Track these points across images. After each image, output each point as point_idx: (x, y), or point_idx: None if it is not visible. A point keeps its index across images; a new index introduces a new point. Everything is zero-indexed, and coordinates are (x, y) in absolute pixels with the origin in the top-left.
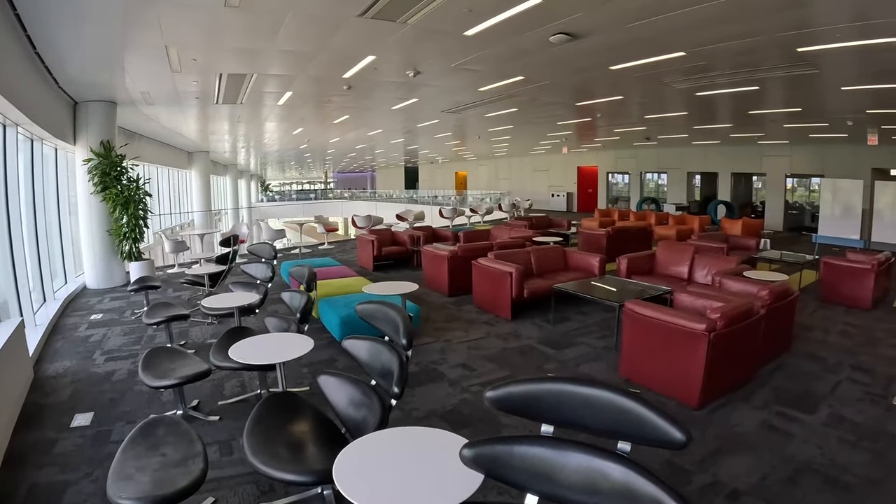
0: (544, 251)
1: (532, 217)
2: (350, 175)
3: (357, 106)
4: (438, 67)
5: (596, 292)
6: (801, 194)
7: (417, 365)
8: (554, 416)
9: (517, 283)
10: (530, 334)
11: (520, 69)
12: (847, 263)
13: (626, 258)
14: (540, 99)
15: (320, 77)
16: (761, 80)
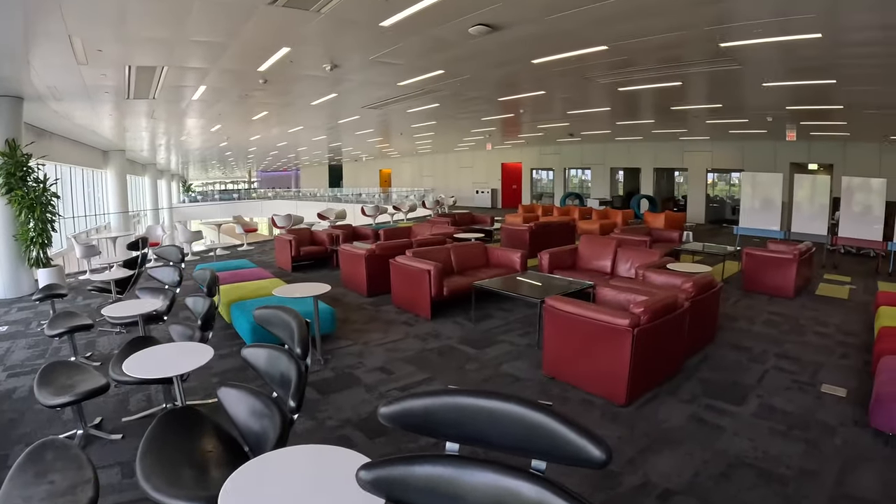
0: (465, 248)
1: (455, 214)
2: (274, 174)
3: (276, 101)
4: (356, 61)
5: (517, 289)
6: (721, 188)
7: (333, 370)
8: (457, 432)
9: (436, 282)
10: (451, 334)
11: (440, 63)
12: (769, 254)
13: (548, 253)
14: (462, 94)
15: (235, 70)
16: (684, 75)
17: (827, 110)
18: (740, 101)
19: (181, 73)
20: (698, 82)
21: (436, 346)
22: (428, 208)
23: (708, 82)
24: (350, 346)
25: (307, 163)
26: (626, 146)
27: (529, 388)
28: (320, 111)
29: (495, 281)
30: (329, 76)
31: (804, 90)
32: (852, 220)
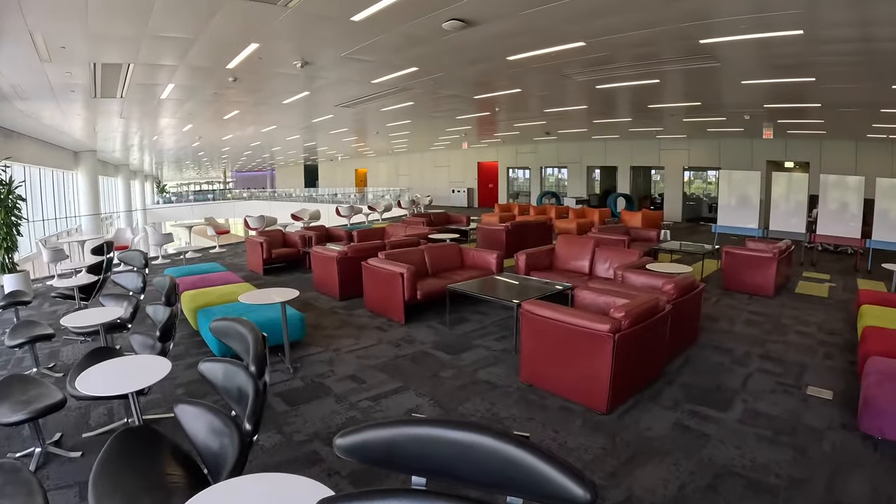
0: (439, 249)
1: (430, 214)
2: (249, 174)
3: (247, 100)
4: (328, 57)
5: (493, 291)
6: (698, 186)
7: (303, 379)
8: (423, 466)
9: (409, 285)
10: (425, 339)
11: (414, 59)
12: (749, 252)
13: (525, 254)
14: (437, 92)
15: (203, 68)
16: (662, 72)
17: (804, 108)
18: (719, 99)
19: (148, 71)
20: (676, 80)
21: (409, 353)
22: (403, 208)
23: (686, 80)
24: (321, 354)
25: (283, 163)
26: (603, 144)
27: (507, 395)
28: (293, 110)
29: (471, 283)
30: (301, 74)
31: (783, 88)
32: (830, 217)
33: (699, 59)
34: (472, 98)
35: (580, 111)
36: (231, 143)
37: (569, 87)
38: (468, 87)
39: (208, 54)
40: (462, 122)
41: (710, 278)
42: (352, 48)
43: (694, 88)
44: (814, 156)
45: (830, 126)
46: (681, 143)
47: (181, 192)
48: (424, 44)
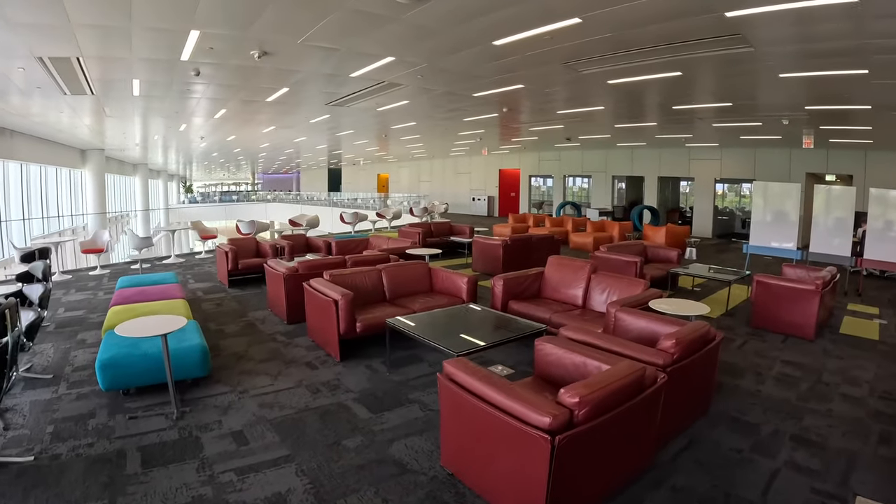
0: (401, 270)
1: (431, 223)
2: (276, 176)
3: (227, 97)
4: (285, 45)
5: (432, 332)
6: (731, 200)
7: (182, 430)
8: None
9: (346, 315)
10: (354, 385)
11: (383, 45)
12: (786, 283)
13: (503, 279)
14: (430, 89)
15: (156, 61)
16: (684, 62)
17: (852, 112)
18: (753, 99)
19: (102, 65)
20: (702, 73)
21: (324, 405)
22: (415, 215)
23: (714, 73)
24: (223, 396)
25: (307, 166)
26: (629, 152)
27: (414, 489)
28: (283, 109)
29: (419, 317)
30: (270, 67)
31: (827, 84)
32: (881, 239)
33: (727, 43)
34: (472, 97)
35: (597, 113)
36: (239, 144)
37: (577, 83)
38: (462, 83)
39: (153, 45)
40: (471, 124)
41: (738, 310)
42: (306, 33)
43: (724, 84)
44: (858, 168)
45: (880, 134)
46: (712, 153)
47: (208, 192)
48: (386, 24)
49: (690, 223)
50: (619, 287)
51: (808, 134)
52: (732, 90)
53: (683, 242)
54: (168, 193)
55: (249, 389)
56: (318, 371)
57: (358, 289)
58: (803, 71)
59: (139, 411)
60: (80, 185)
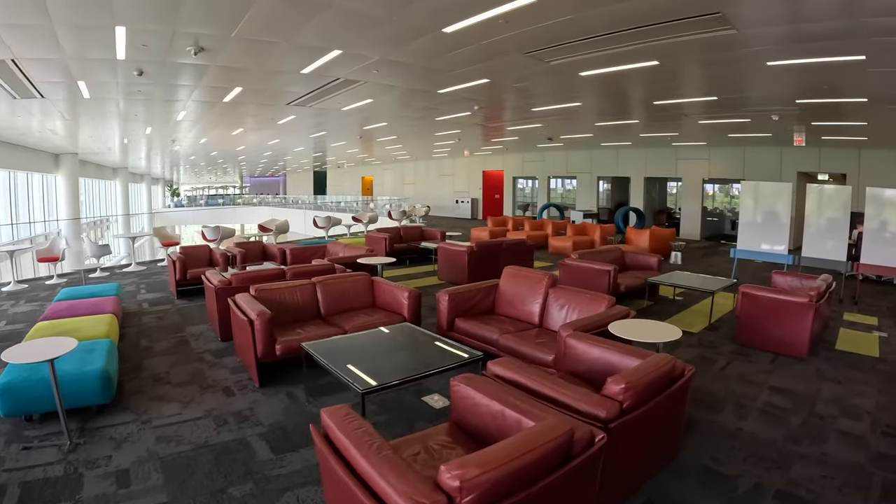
0: (340, 284)
1: (401, 228)
2: (263, 179)
3: (181, 98)
4: (219, 39)
5: (343, 360)
6: (722, 200)
7: (70, 465)
8: None
9: (263, 337)
10: (265, 417)
11: (324, 37)
12: (775, 296)
13: (448, 294)
14: (392, 87)
15: (93, 61)
16: (661, 49)
17: (846, 106)
18: (739, 92)
19: (38, 67)
20: (682, 62)
21: (226, 440)
22: (394, 219)
23: (694, 62)
24: (124, 426)
25: (290, 169)
26: (614, 152)
27: None
28: (245, 110)
29: (342, 340)
30: (214, 64)
31: (820, 73)
32: (878, 241)
33: (706, 25)
34: (438, 94)
35: (575, 110)
36: (215, 147)
37: (547, 76)
38: (422, 79)
39: (80, 44)
40: (446, 124)
41: (723, 323)
42: (235, 25)
43: (707, 75)
44: (851, 167)
45: (875, 130)
46: (700, 152)
47: (195, 195)
48: (317, 11)
49: (679, 225)
50: (580, 304)
51: (800, 131)
52: (717, 82)
53: (668, 246)
54: (152, 197)
55: (154, 419)
56: (233, 399)
57: (286, 305)
58: (793, 58)
59: (35, 441)
60: (53, 190)
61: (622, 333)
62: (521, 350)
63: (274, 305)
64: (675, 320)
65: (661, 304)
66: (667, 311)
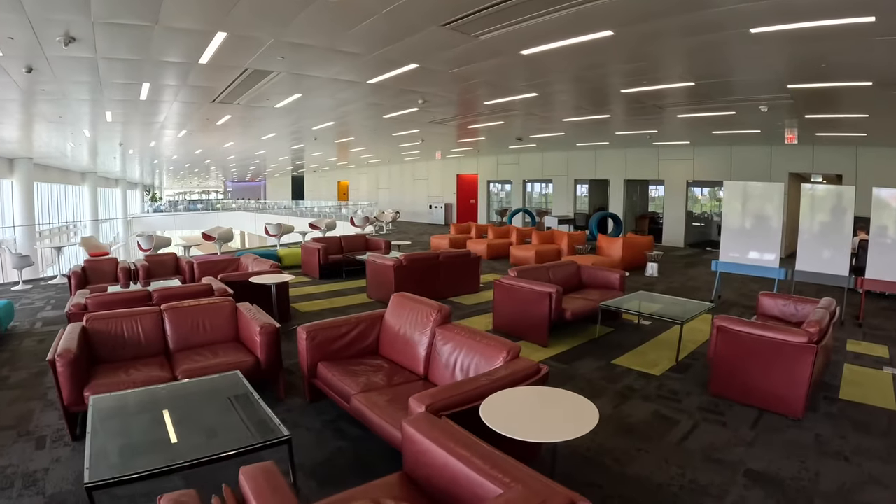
0: (193, 312)
1: (342, 237)
2: (244, 184)
3: (93, 98)
4: (81, 25)
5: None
6: (710, 205)
7: None
8: None
9: (67, 382)
10: (56, 484)
11: (195, 18)
12: (763, 333)
13: (307, 330)
14: (312, 76)
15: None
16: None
17: (846, 91)
18: (721, 75)
19: None
20: (642, 32)
21: None
22: (356, 226)
23: (661, 32)
24: None
25: (267, 173)
26: (592, 154)
27: None
28: (177, 108)
29: (141, 394)
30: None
31: (817, 45)
32: (886, 251)
33: None
34: (368, 84)
35: (533, 103)
36: (171, 150)
37: (482, 56)
38: (338, 65)
39: None
40: (399, 123)
41: (694, 361)
42: (89, 10)
43: (679, 51)
44: (848, 167)
45: (876, 124)
46: (683, 152)
47: (176, 200)
48: None
49: (661, 231)
50: (473, 352)
51: (792, 126)
52: (693, 61)
53: (644, 256)
54: (128, 203)
55: None
56: (40, 453)
57: (124, 338)
58: (783, 21)
59: None
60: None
61: (501, 422)
62: (374, 421)
63: (109, 339)
64: (634, 356)
65: (623, 330)
66: (625, 343)
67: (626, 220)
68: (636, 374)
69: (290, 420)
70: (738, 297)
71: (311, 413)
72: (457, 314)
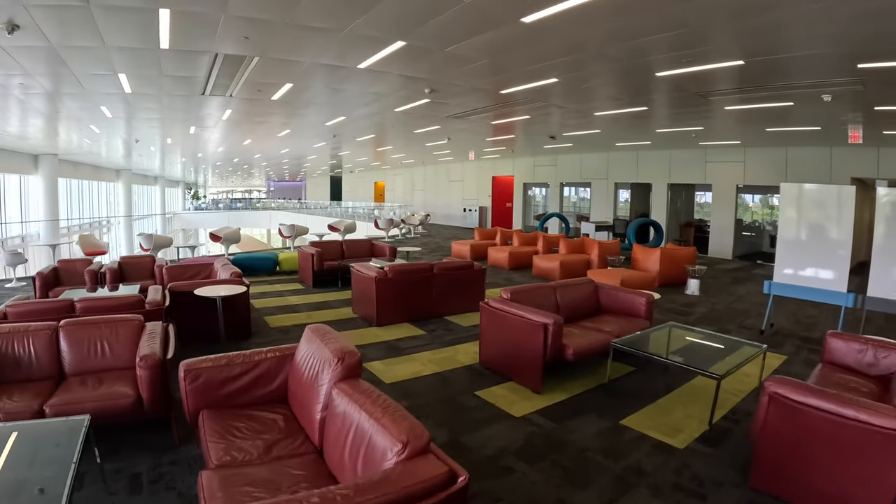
0: (94, 330)
1: (343, 242)
2: (286, 184)
3: (73, 91)
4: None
5: None
6: (760, 212)
7: None
8: None
9: None
10: None
11: None
12: (839, 410)
13: (186, 367)
14: (294, 62)
15: None
16: None
17: None
18: (775, 50)
19: None
20: None
21: None
22: (380, 228)
23: None
24: None
25: (304, 172)
26: (633, 155)
27: None
28: (169, 103)
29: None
30: (61, 46)
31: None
32: None
33: None
34: (359, 69)
35: (551, 91)
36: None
37: (476, 25)
38: (316, 45)
39: None
40: (414, 118)
41: (734, 426)
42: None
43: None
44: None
45: None
46: (733, 153)
47: (219, 198)
48: None
49: (707, 241)
50: (365, 431)
51: (856, 123)
52: (741, 29)
53: (685, 268)
54: (168, 200)
55: None
56: None
57: (9, 359)
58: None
59: None
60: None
61: None
62: None
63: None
64: (653, 413)
65: (645, 370)
66: (644, 391)
67: (668, 228)
68: (651, 445)
69: (167, 479)
70: (793, 326)
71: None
72: (446, 338)
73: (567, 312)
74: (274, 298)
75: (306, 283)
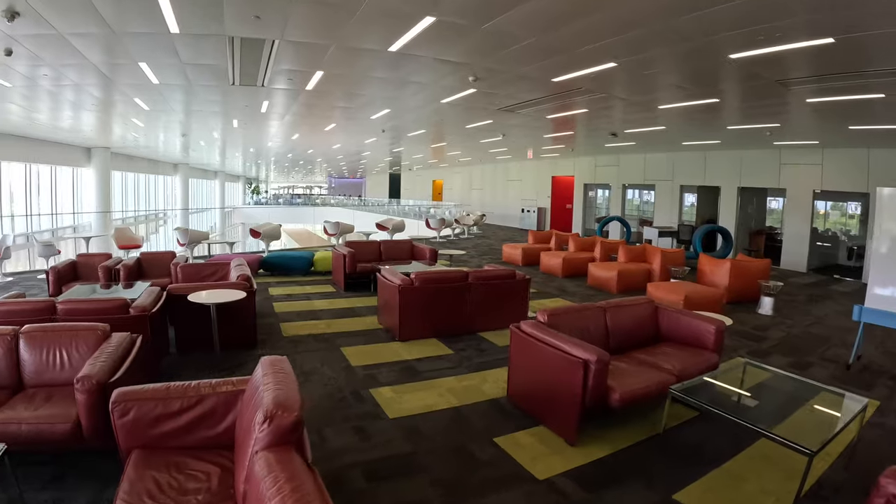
0: (58, 337)
1: (381, 242)
2: (347, 181)
3: (97, 82)
4: None
5: None
6: (836, 221)
7: None
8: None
9: None
10: None
11: None
12: None
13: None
14: (324, 45)
15: None
16: None
17: None
18: (871, 25)
19: None
20: None
21: None
22: (432, 228)
23: None
24: None
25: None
26: (700, 155)
27: None
28: (194, 95)
29: None
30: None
31: None
32: None
33: None
34: (391, 53)
35: (611, 76)
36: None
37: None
38: (326, 20)
39: None
40: (463, 110)
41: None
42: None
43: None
44: None
45: None
46: (811, 154)
47: (279, 194)
48: None
49: (779, 251)
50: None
51: None
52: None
53: (757, 285)
54: (228, 194)
55: None
56: None
57: None
58: None
59: None
60: (83, 183)
61: None
62: None
63: None
64: (717, 483)
65: (710, 417)
66: (708, 447)
67: (737, 236)
68: None
69: None
70: (884, 359)
71: None
72: (476, 360)
73: (619, 340)
74: (299, 302)
75: (338, 286)
